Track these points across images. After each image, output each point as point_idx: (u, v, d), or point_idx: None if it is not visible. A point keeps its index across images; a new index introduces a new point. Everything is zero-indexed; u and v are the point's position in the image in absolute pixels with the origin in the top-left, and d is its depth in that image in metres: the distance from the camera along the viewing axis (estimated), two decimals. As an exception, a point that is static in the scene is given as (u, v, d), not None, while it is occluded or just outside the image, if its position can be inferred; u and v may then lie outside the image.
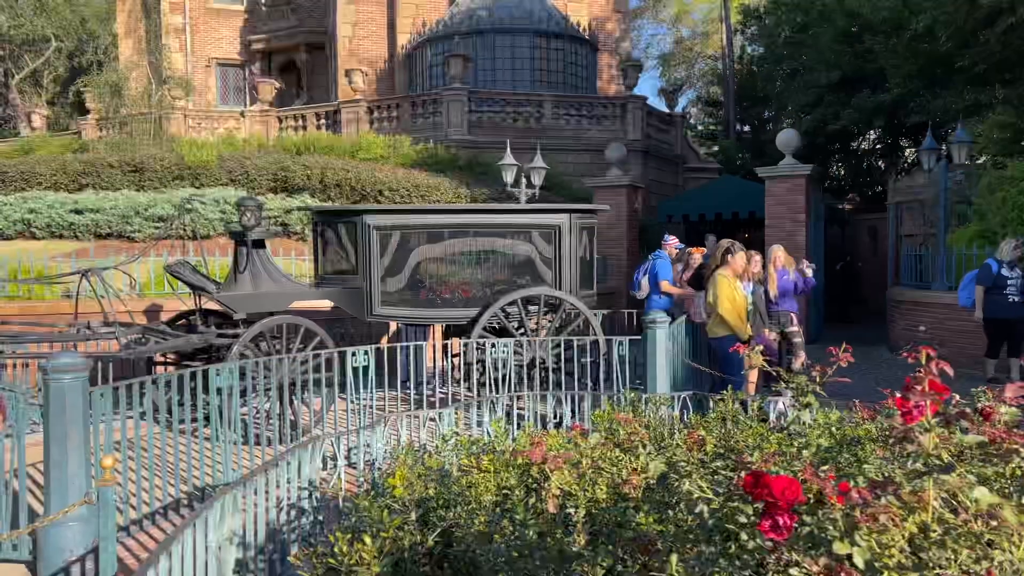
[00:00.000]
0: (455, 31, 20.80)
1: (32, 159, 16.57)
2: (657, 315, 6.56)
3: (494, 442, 4.11)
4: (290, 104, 23.76)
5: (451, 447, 4.06)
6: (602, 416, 4.33)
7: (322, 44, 25.54)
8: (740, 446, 2.63)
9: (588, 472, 2.31)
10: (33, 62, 31.11)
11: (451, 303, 7.44)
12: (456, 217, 7.42)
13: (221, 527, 3.01)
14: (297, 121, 20.67)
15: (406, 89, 22.39)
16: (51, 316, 9.43)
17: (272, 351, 6.89)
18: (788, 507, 1.62)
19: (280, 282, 7.38)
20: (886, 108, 20.01)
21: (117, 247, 13.08)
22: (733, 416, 4.51)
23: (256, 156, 15.89)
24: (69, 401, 4.08)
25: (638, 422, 3.16)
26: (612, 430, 4.35)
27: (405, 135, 17.84)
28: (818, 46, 22.79)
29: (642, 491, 2.31)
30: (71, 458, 4.09)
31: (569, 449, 3.05)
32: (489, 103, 19.01)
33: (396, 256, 7.34)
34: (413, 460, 3.30)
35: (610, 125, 19.70)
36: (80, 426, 4.12)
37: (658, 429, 3.79)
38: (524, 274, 7.57)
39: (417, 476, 3.13)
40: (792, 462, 2.08)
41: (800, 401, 2.45)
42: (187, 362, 7.74)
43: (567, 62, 21.36)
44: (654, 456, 2.53)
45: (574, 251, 7.55)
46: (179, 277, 7.21)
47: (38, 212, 14.06)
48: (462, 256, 7.51)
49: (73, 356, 4.13)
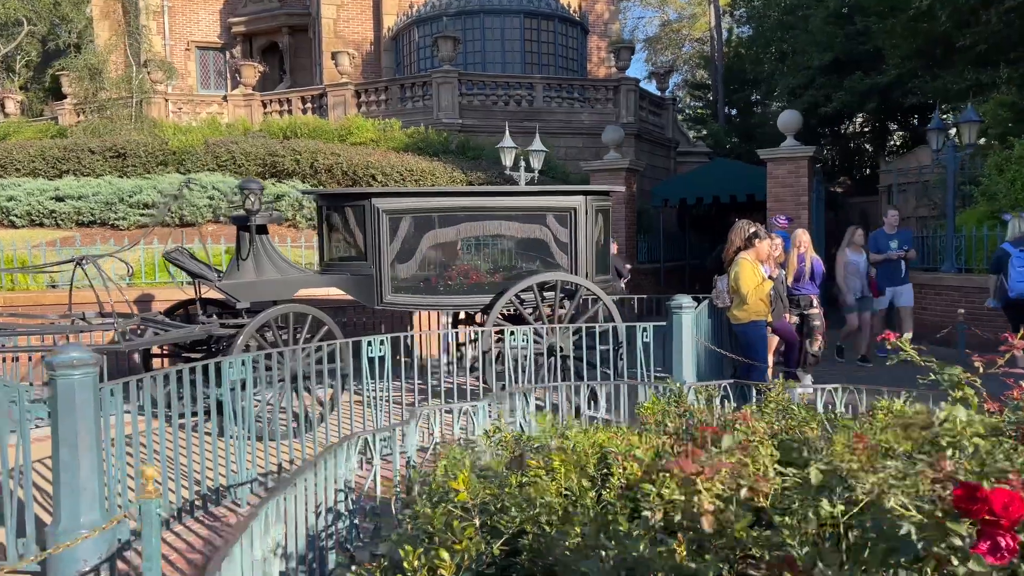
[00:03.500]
0: (443, 12, 20.37)
1: (8, 145, 15.99)
2: (683, 300, 6.31)
3: (541, 437, 3.85)
4: (273, 88, 23.21)
5: (495, 443, 3.79)
6: (651, 408, 4.07)
7: (305, 26, 24.96)
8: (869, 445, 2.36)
9: (725, 482, 2.03)
10: (5, 47, 30.20)
11: (464, 289, 7.14)
12: (469, 200, 7.12)
13: (266, 538, 2.72)
14: (282, 105, 20.17)
15: (393, 72, 21.94)
16: (37, 307, 9.02)
17: (279, 341, 6.56)
18: (1011, 526, 1.36)
19: (284, 269, 7.04)
20: (879, 90, 19.88)
21: (102, 235, 12.63)
22: (786, 406, 4.29)
23: (243, 141, 15.43)
24: (79, 399, 3.75)
25: (761, 421, 2.88)
26: (661, 423, 4.11)
27: (394, 119, 17.43)
28: (809, 27, 22.61)
29: (771, 500, 2.05)
30: (82, 461, 3.77)
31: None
32: (480, 86, 18.64)
33: (407, 241, 7.03)
34: (469, 460, 3.02)
35: (602, 108, 19.41)
36: (92, 426, 3.79)
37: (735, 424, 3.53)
38: (539, 259, 7.29)
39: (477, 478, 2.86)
40: (957, 466, 1.83)
41: (952, 395, 2.18)
42: (186, 354, 7.41)
43: (558, 44, 21.02)
44: (772, 458, 2.26)
45: (590, 234, 7.28)
46: (178, 264, 6.84)
47: (17, 200, 13.55)
48: (475, 241, 7.21)
49: (81, 350, 3.79)
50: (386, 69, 22.32)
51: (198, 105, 20.63)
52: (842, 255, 9.58)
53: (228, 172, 14.66)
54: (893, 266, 9.81)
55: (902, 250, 9.83)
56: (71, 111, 20.10)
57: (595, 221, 7.37)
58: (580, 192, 7.29)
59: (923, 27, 15.10)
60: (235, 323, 6.91)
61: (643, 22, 40.05)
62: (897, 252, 9.81)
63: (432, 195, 7.20)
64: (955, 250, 10.64)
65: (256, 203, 6.52)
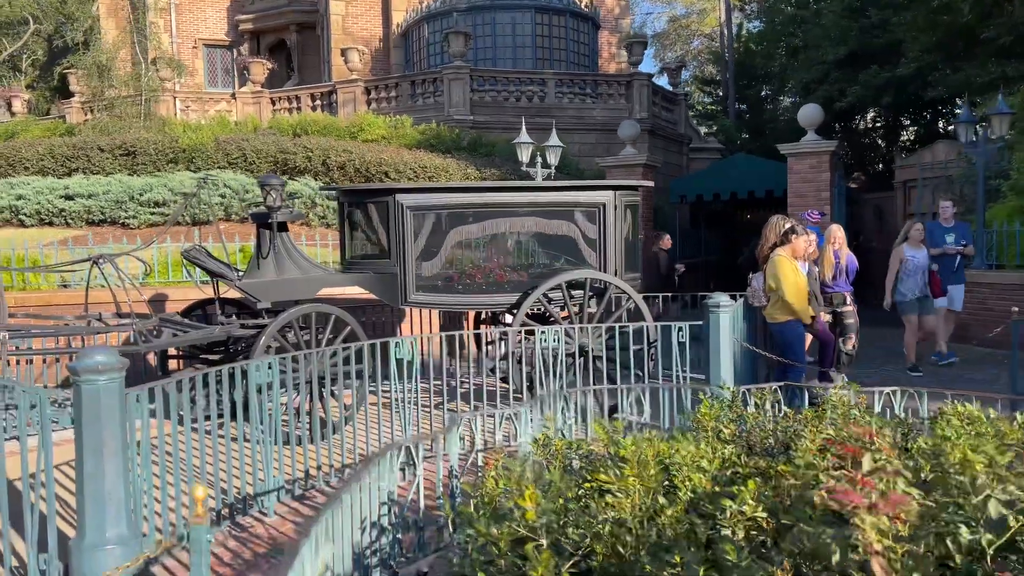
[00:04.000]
0: (454, 7, 20.14)
1: (16, 143, 15.82)
2: (720, 298, 6.09)
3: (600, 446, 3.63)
4: (280, 86, 23.00)
5: (543, 451, 3.57)
6: (708, 415, 3.85)
7: (313, 23, 24.75)
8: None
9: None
10: (11, 45, 30.02)
11: (490, 288, 6.92)
12: (495, 195, 6.90)
13: (316, 561, 2.50)
14: (291, 103, 19.96)
15: (402, 69, 21.70)
16: (50, 307, 8.82)
17: (301, 343, 6.35)
18: None
19: (305, 268, 6.83)
20: (895, 84, 19.59)
21: (112, 234, 12.44)
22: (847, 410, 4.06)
23: (254, 138, 15.24)
24: (104, 405, 3.55)
25: (883, 439, 2.64)
26: (717, 431, 3.89)
27: (405, 115, 17.21)
28: (823, 21, 22.31)
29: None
30: (108, 470, 3.56)
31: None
32: (491, 82, 18.41)
33: (431, 238, 6.82)
34: (531, 474, 2.80)
35: (615, 104, 19.17)
36: (118, 434, 3.59)
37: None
38: (567, 256, 7.07)
39: (541, 494, 2.64)
40: None
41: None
42: (204, 355, 7.21)
43: (569, 39, 20.77)
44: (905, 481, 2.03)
45: (619, 231, 7.06)
46: (197, 263, 6.64)
47: (26, 198, 13.37)
48: (501, 238, 6.99)
49: (107, 353, 3.59)
50: (395, 66, 22.09)
51: (206, 103, 20.44)
52: (898, 251, 8.96)
53: (239, 170, 14.47)
54: (949, 262, 9.22)
55: (959, 244, 9.23)
56: (79, 109, 19.91)
57: (624, 217, 7.15)
58: (609, 187, 7.07)
59: (944, 19, 14.83)
60: (255, 323, 6.70)
61: (651, 18, 39.81)
62: (955, 247, 9.21)
63: (457, 191, 6.98)
64: (986, 246, 10.39)
65: (277, 199, 6.32)
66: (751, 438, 3.93)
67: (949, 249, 9.22)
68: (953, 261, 9.28)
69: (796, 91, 24.81)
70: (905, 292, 8.90)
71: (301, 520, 4.68)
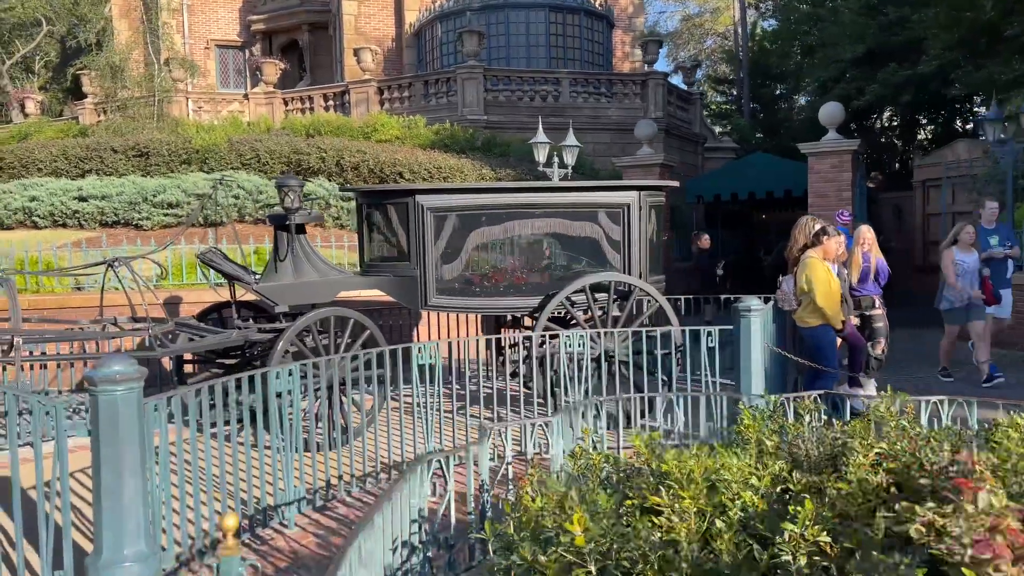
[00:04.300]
0: (467, 7, 19.99)
1: (30, 145, 15.77)
2: (751, 301, 5.90)
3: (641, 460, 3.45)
4: (292, 86, 22.92)
5: (583, 467, 3.40)
6: (752, 427, 3.67)
7: (325, 23, 24.66)
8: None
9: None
10: (24, 47, 30.08)
11: (512, 291, 6.76)
12: (518, 196, 6.73)
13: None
14: (304, 103, 19.86)
15: (415, 69, 21.58)
16: (63, 311, 8.72)
17: (319, 347, 6.21)
18: None
19: (323, 271, 6.69)
20: (915, 82, 19.32)
21: (126, 235, 12.35)
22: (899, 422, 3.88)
23: (267, 139, 15.13)
24: (123, 417, 3.40)
25: (990, 465, 2.46)
26: (760, 443, 3.71)
27: (418, 115, 17.08)
28: (840, 19, 22.04)
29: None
30: (126, 484, 3.42)
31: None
32: (505, 81, 18.26)
33: (452, 240, 6.66)
34: (575, 494, 2.64)
35: (630, 103, 18.98)
36: (136, 446, 3.44)
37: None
38: (590, 258, 6.90)
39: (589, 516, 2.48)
40: None
41: None
42: (220, 360, 7.07)
43: (583, 38, 20.60)
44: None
45: (644, 232, 6.88)
46: (213, 266, 6.50)
47: (40, 200, 13.30)
48: (524, 239, 6.83)
49: (125, 362, 3.44)
50: (408, 66, 21.97)
51: (219, 103, 20.37)
52: (948, 255, 8.40)
53: (252, 171, 14.36)
54: (999, 267, 8.70)
55: (1004, 247, 8.73)
56: (92, 110, 19.88)
57: (649, 218, 6.98)
58: (634, 187, 6.90)
59: (967, 16, 14.58)
60: (272, 328, 6.56)
61: (664, 16, 39.57)
62: (1002, 250, 8.71)
63: (479, 191, 6.82)
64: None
65: (295, 201, 6.18)
66: (794, 451, 3.75)
67: (996, 252, 8.74)
68: (1004, 265, 8.77)
69: (812, 90, 24.54)
70: (952, 299, 8.34)
71: (323, 532, 4.54)
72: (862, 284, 7.53)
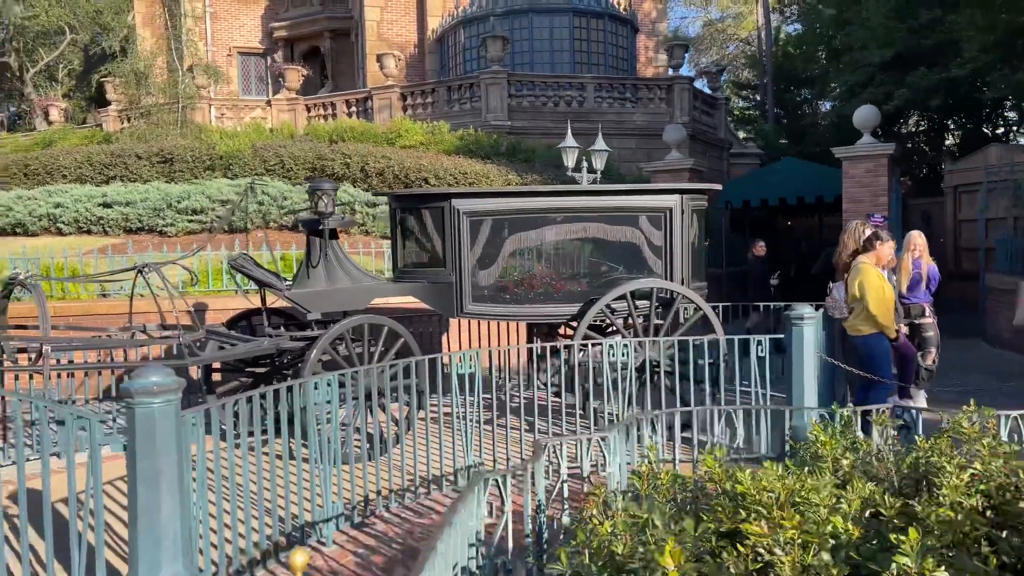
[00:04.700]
0: (490, 12, 19.85)
1: (55, 151, 15.77)
2: (804, 309, 5.65)
3: (706, 477, 3.22)
4: (314, 93, 22.86)
5: (651, 487, 3.17)
6: (829, 444, 3.42)
7: (347, 30, 24.62)
8: None
9: None
10: (47, 55, 30.30)
11: (550, 298, 6.54)
12: (556, 200, 6.52)
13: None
14: (326, 109, 19.78)
15: (437, 75, 21.47)
16: (89, 318, 8.60)
17: (353, 356, 6.02)
18: None
19: (356, 277, 6.50)
20: (945, 86, 18.94)
21: (150, 242, 12.25)
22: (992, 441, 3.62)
23: (291, 144, 15.03)
24: (160, 430, 3.21)
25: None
26: (835, 460, 3.46)
27: (441, 121, 16.94)
28: (868, 23, 21.70)
29: None
30: (163, 501, 3.23)
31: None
32: (529, 86, 18.08)
33: (489, 245, 6.46)
34: (659, 520, 2.41)
35: (655, 108, 18.75)
36: (174, 461, 3.25)
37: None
38: (630, 264, 6.67)
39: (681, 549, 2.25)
40: None
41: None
42: (249, 368, 6.90)
43: (608, 43, 20.40)
44: None
45: (686, 237, 6.65)
46: (244, 272, 6.33)
47: (64, 206, 13.24)
48: (562, 245, 6.61)
49: (162, 373, 3.26)
50: (430, 72, 21.87)
51: (241, 110, 20.34)
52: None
53: (276, 176, 14.26)
54: None
55: None
56: (115, 117, 19.90)
57: (691, 222, 6.74)
58: (676, 191, 6.66)
59: (1003, 18, 14.23)
60: (303, 335, 6.38)
61: (686, 22, 39.31)
62: None
63: (517, 195, 6.61)
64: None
65: (330, 205, 5.99)
66: (870, 469, 3.50)
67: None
68: None
69: (839, 95, 24.18)
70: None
71: (363, 551, 4.33)
72: (912, 291, 7.24)
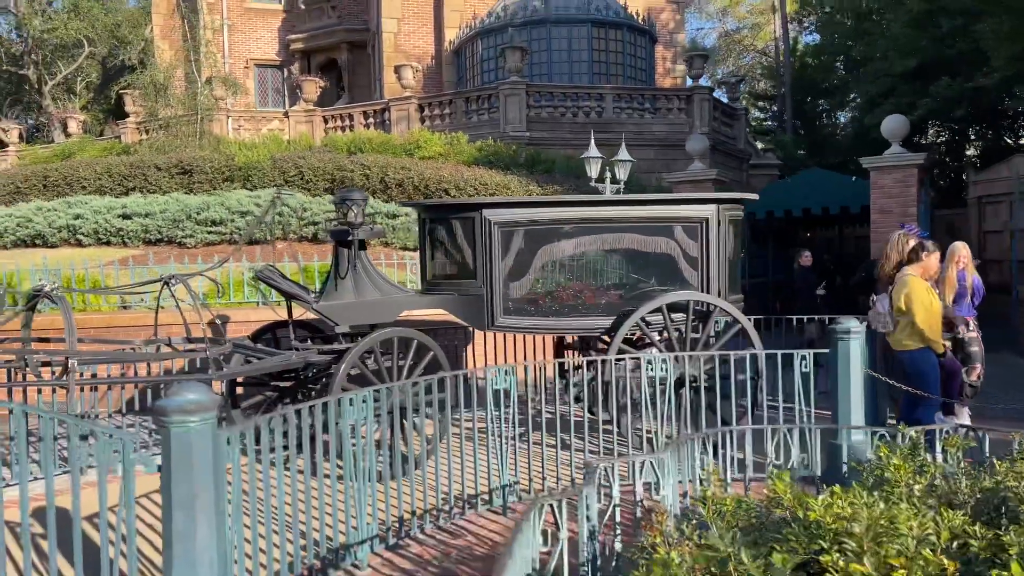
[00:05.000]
0: (509, 22, 19.78)
1: (74, 163, 15.77)
2: (850, 323, 5.45)
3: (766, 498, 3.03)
4: (330, 104, 22.85)
5: (716, 514, 2.98)
6: (904, 469, 3.21)
7: (363, 42, 24.63)
8: None
9: None
10: (66, 68, 30.48)
11: (584, 310, 6.36)
12: (590, 210, 6.35)
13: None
14: (343, 121, 19.72)
15: (454, 86, 21.40)
16: (110, 330, 8.49)
17: (382, 370, 5.86)
18: None
19: (385, 289, 6.35)
20: (969, 96, 18.70)
21: (170, 253, 12.17)
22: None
23: (310, 156, 14.96)
24: (197, 452, 3.05)
25: None
26: (908, 486, 3.26)
27: (459, 132, 16.83)
28: (889, 32, 21.52)
29: None
30: (200, 527, 3.06)
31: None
32: (548, 97, 17.96)
33: (520, 257, 6.29)
34: (747, 558, 2.22)
35: (675, 118, 18.58)
36: (211, 484, 3.09)
37: None
38: (665, 276, 6.48)
39: None
40: None
41: None
42: (274, 382, 6.75)
43: (626, 53, 20.28)
44: None
45: (723, 248, 6.46)
46: (271, 284, 6.19)
47: (84, 218, 13.20)
48: (596, 255, 6.44)
49: (199, 390, 3.10)
50: (447, 83, 21.81)
51: (259, 121, 20.32)
52: None
53: (296, 188, 14.17)
54: None
55: None
56: (134, 129, 19.93)
57: (728, 233, 6.56)
58: (712, 201, 6.49)
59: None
60: (331, 349, 6.23)
61: (701, 34, 39.20)
62: None
63: (549, 205, 6.45)
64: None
65: (359, 216, 5.85)
66: (946, 496, 3.30)
67: None
68: None
69: (859, 105, 23.97)
70: None
71: (399, 575, 4.15)
72: (956, 305, 7.02)
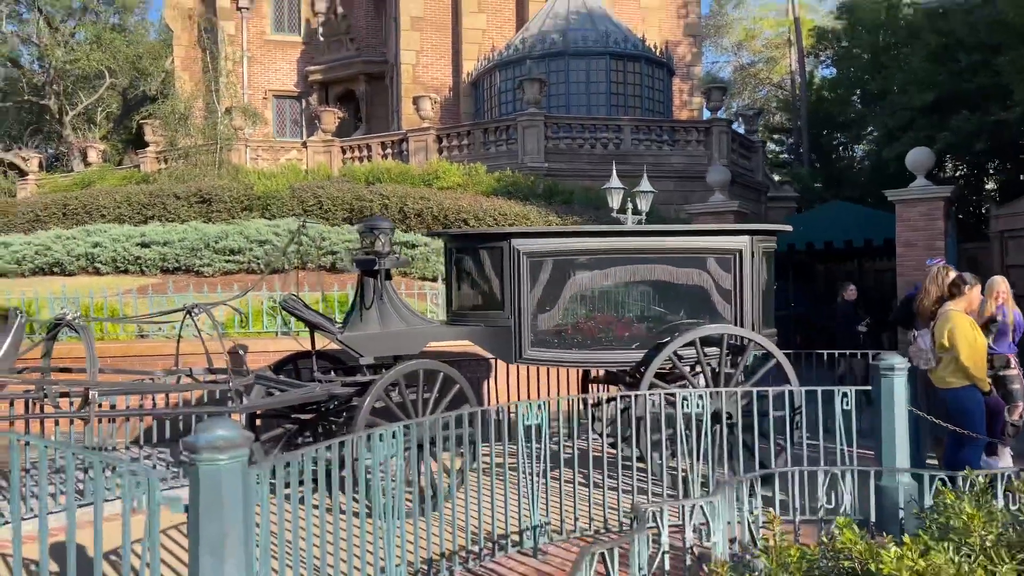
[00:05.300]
0: (526, 55, 19.87)
1: (94, 191, 15.82)
2: (894, 359, 5.26)
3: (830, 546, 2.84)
4: (348, 135, 22.96)
5: (779, 566, 2.79)
6: (977, 518, 3.00)
7: (382, 74, 24.82)
8: None
9: None
10: (87, 99, 30.86)
11: (614, 344, 6.20)
12: (620, 240, 6.21)
13: None
14: (361, 151, 19.77)
15: (472, 117, 21.48)
16: (127, 360, 8.37)
17: (407, 403, 5.70)
18: None
19: (410, 320, 6.21)
20: (989, 129, 18.56)
21: (188, 282, 12.10)
22: None
23: (329, 185, 14.94)
24: (227, 490, 2.89)
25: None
26: (981, 536, 3.05)
27: (478, 163, 16.81)
28: (906, 66, 21.47)
29: None
30: (227, 568, 2.89)
31: None
32: (566, 129, 17.96)
33: (549, 288, 6.15)
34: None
35: (693, 150, 18.53)
36: (240, 524, 2.93)
37: None
38: (698, 308, 6.32)
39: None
40: None
41: None
42: (295, 415, 6.59)
43: (644, 86, 20.30)
44: None
45: (757, 280, 6.30)
46: (295, 313, 6.06)
47: (103, 246, 13.17)
48: (627, 287, 6.29)
49: (229, 426, 2.95)
50: (465, 114, 21.89)
51: (277, 151, 20.40)
52: None
53: (314, 217, 14.13)
54: None
55: None
56: (153, 158, 20.05)
57: (761, 265, 6.40)
58: (746, 232, 6.34)
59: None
60: (354, 381, 6.07)
61: (716, 67, 39.39)
62: None
63: (579, 235, 6.32)
64: None
65: (387, 244, 5.73)
66: (1019, 545, 3.09)
67: None
68: None
69: (877, 138, 23.88)
70: None
71: (431, 621, 3.95)
72: (997, 342, 6.80)
